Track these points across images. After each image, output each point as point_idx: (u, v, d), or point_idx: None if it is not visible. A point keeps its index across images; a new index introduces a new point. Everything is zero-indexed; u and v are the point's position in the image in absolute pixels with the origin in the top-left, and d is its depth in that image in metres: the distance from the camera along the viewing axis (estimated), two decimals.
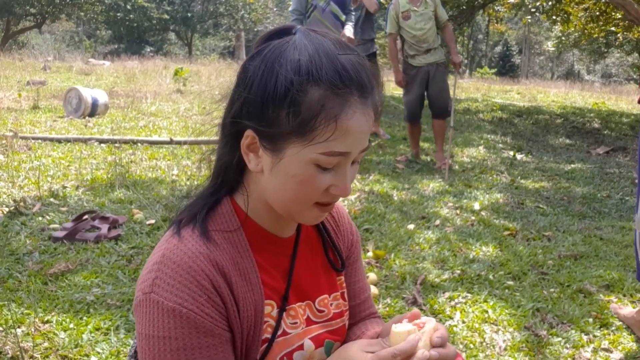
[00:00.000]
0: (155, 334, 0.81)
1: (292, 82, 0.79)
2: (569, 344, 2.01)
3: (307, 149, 0.80)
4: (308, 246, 1.00)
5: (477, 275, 2.58)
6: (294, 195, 0.84)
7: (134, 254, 2.62)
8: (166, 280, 0.82)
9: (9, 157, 4.34)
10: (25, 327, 1.92)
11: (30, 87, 9.21)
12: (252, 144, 0.84)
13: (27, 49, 21.28)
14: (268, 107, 0.80)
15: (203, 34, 32.09)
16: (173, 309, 0.81)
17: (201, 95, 9.53)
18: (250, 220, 0.91)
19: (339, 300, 1.02)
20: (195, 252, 0.84)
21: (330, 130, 0.79)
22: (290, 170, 0.82)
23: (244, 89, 0.83)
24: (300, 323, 0.94)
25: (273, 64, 0.80)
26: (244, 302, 0.86)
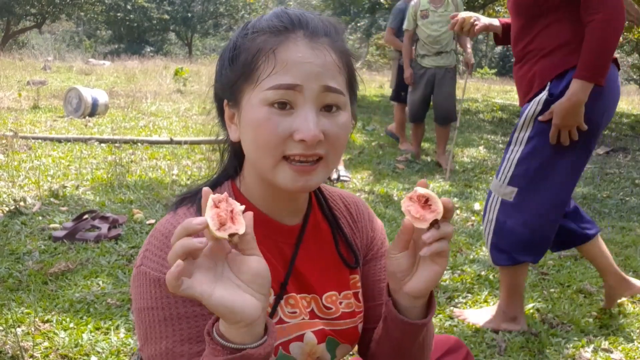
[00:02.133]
0: (144, 306, 0.81)
1: (237, 36, 0.86)
2: (569, 344, 2.01)
3: (256, 91, 0.81)
4: (316, 238, 0.96)
5: (477, 275, 2.58)
6: (260, 145, 0.82)
7: (134, 253, 2.62)
8: (153, 251, 0.83)
9: (9, 156, 4.34)
10: (25, 327, 1.92)
11: (30, 87, 9.22)
12: (231, 115, 0.88)
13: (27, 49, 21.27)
14: (224, 67, 0.87)
15: (203, 34, 32.10)
16: (158, 278, 0.80)
17: (201, 95, 9.53)
18: (249, 203, 0.90)
19: (351, 299, 0.97)
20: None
21: (270, 64, 0.80)
22: (247, 117, 0.83)
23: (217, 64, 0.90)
24: (301, 313, 0.91)
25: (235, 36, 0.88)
26: None
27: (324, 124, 0.81)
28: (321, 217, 0.98)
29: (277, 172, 0.83)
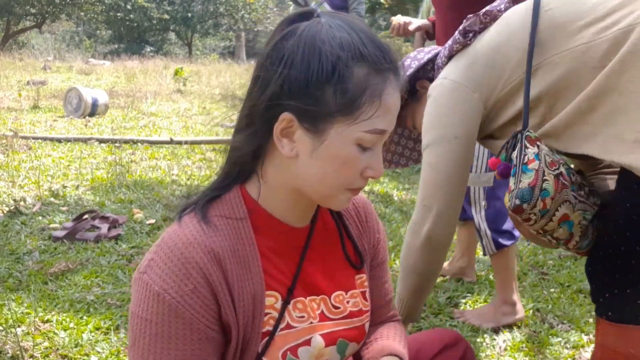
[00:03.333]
0: (140, 314, 0.82)
1: (339, 58, 0.77)
2: (569, 344, 2.01)
3: (352, 128, 0.79)
4: (324, 239, 0.97)
5: (477, 275, 2.58)
6: (334, 178, 0.82)
7: (134, 253, 2.62)
8: (159, 263, 0.82)
9: (9, 156, 4.34)
10: (25, 327, 1.92)
11: (30, 86, 9.22)
12: (287, 127, 0.81)
13: (27, 48, 21.27)
14: (313, 85, 0.78)
15: (203, 34, 32.09)
16: (158, 294, 0.80)
17: (201, 95, 9.53)
18: (260, 208, 0.89)
19: (357, 298, 0.98)
20: (191, 239, 0.83)
21: (374, 107, 0.79)
22: (333, 151, 0.80)
23: (283, 68, 0.79)
24: (309, 317, 0.91)
25: (314, 42, 0.78)
26: (241, 291, 0.84)
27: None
28: (329, 217, 0.99)
29: (337, 198, 0.86)
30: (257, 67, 0.84)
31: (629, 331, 1.13)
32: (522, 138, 1.15)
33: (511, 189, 1.14)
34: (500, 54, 1.25)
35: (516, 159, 1.14)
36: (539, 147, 1.14)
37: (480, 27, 1.33)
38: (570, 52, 1.13)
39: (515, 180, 1.13)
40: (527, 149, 1.13)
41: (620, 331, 1.14)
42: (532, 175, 1.11)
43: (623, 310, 1.14)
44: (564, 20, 1.15)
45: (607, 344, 1.19)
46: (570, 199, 1.15)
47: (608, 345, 1.19)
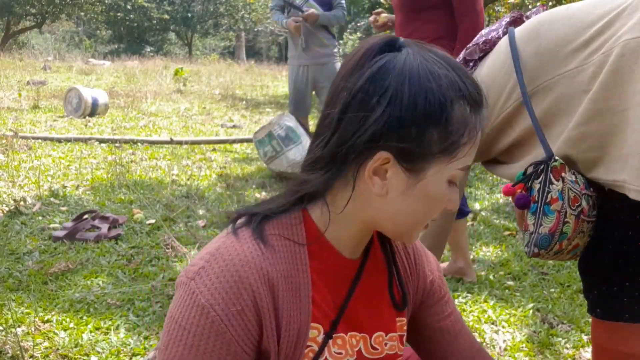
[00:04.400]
0: (179, 321, 0.79)
1: (445, 98, 0.75)
2: (569, 344, 2.01)
3: (449, 166, 0.78)
4: (373, 276, 0.93)
5: (477, 275, 2.58)
6: (423, 216, 0.82)
7: (133, 253, 2.62)
8: (210, 275, 0.79)
9: (9, 156, 4.34)
10: (25, 327, 1.92)
11: (30, 86, 9.22)
12: (382, 165, 0.78)
13: (27, 48, 21.27)
14: (418, 124, 0.75)
15: (203, 34, 32.10)
16: (203, 306, 0.77)
17: (201, 95, 9.53)
18: (321, 237, 0.85)
19: (395, 342, 0.94)
20: (249, 257, 0.79)
21: (470, 144, 0.79)
22: (429, 190, 0.79)
23: (387, 105, 0.75)
24: (347, 354, 0.87)
25: (419, 79, 0.75)
26: (288, 320, 0.81)
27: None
28: (380, 251, 0.95)
29: (410, 235, 0.85)
30: (346, 99, 0.78)
31: (617, 328, 1.14)
32: (548, 170, 1.09)
33: (529, 229, 1.11)
34: (495, 82, 1.24)
35: (538, 193, 1.09)
36: (564, 181, 1.09)
37: (480, 55, 1.33)
38: (562, 77, 1.12)
39: (536, 222, 1.09)
40: (552, 184, 1.08)
41: (609, 328, 1.15)
42: (553, 219, 1.08)
43: (611, 308, 1.15)
44: (551, 46, 1.15)
45: (598, 342, 1.20)
46: (584, 229, 1.13)
47: (598, 342, 1.20)
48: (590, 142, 1.07)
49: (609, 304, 1.14)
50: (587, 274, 1.20)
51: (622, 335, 1.13)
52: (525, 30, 1.23)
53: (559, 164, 1.10)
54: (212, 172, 4.33)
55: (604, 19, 1.08)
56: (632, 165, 1.00)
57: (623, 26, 1.04)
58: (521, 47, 1.20)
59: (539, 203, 1.09)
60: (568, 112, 1.11)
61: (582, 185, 1.11)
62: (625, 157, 1.02)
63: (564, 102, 1.12)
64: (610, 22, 1.07)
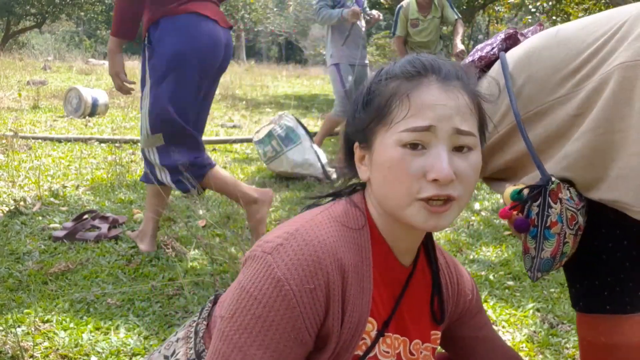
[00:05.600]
0: (251, 291, 0.82)
1: (371, 82, 0.90)
2: (569, 344, 2.01)
3: (389, 133, 0.84)
4: (420, 285, 0.98)
5: (477, 275, 2.58)
6: (393, 185, 0.84)
7: (133, 253, 2.62)
8: (288, 252, 0.82)
9: (9, 156, 4.34)
10: (25, 327, 1.92)
11: (30, 86, 9.21)
12: (361, 156, 0.92)
13: (27, 48, 21.26)
14: (357, 113, 0.91)
15: None
16: (279, 279, 0.80)
17: None
18: (375, 228, 0.92)
19: (429, 352, 0.99)
20: (327, 242, 0.84)
21: (404, 107, 0.83)
22: (380, 158, 0.86)
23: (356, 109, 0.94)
24: (392, 355, 0.92)
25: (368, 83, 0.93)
26: (353, 307, 0.85)
27: (455, 164, 0.83)
28: (426, 263, 1.00)
29: (409, 211, 0.85)
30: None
31: (599, 321, 1.15)
32: (546, 194, 1.09)
33: (530, 252, 1.11)
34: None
35: (537, 217, 1.09)
36: (562, 202, 1.09)
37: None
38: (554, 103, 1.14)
39: (537, 246, 1.10)
40: (551, 208, 1.08)
41: (592, 321, 1.17)
42: (554, 242, 1.09)
43: (592, 301, 1.16)
44: (541, 74, 1.16)
45: (582, 335, 1.22)
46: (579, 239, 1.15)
47: (583, 336, 1.21)
48: (587, 162, 1.08)
49: (591, 298, 1.17)
50: (570, 269, 1.22)
51: (605, 327, 1.15)
52: (517, 56, 1.25)
53: (555, 185, 1.09)
54: None
55: (592, 47, 1.10)
56: (633, 186, 1.01)
57: (614, 51, 1.05)
58: (514, 73, 1.22)
59: (539, 227, 1.09)
60: (562, 135, 1.12)
61: (577, 200, 1.11)
62: (625, 177, 1.03)
63: (557, 126, 1.13)
64: (598, 48, 1.09)
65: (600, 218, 1.13)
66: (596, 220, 1.14)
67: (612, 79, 1.04)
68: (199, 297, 2.19)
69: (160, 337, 1.89)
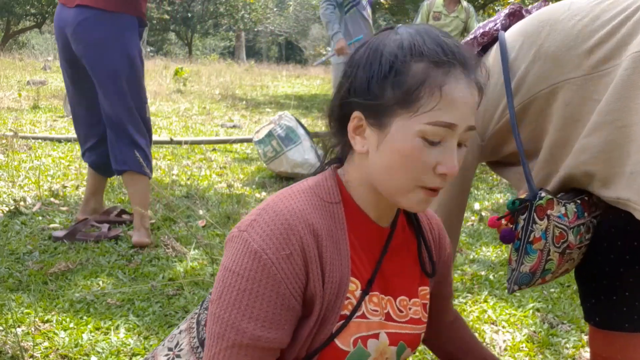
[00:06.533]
0: (232, 268, 0.85)
1: (395, 56, 0.83)
2: (569, 344, 2.01)
3: (412, 120, 0.82)
4: (401, 243, 1.00)
5: (477, 275, 2.58)
6: (400, 172, 0.84)
7: (133, 253, 2.62)
8: (261, 224, 0.86)
9: (9, 156, 4.34)
10: (25, 327, 1.92)
11: (30, 86, 9.21)
12: (358, 126, 0.88)
13: (27, 48, 21.27)
14: (373, 82, 0.84)
15: (203, 34, 32.09)
16: (256, 251, 0.84)
17: (201, 95, 9.53)
18: (351, 199, 0.93)
19: (419, 307, 1.01)
20: (295, 209, 0.87)
21: (435, 99, 0.81)
22: (396, 144, 0.83)
23: (350, 73, 0.88)
24: (380, 314, 0.94)
25: (377, 47, 0.85)
26: (332, 267, 0.87)
27: (458, 157, 0.86)
28: (406, 222, 1.03)
29: (409, 196, 0.87)
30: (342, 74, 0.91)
31: (615, 337, 1.12)
32: (532, 209, 1.07)
33: (512, 265, 1.11)
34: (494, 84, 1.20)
35: (522, 230, 1.08)
36: (549, 219, 1.06)
37: (477, 50, 1.30)
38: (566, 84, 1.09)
39: (518, 258, 1.09)
40: (535, 224, 1.06)
41: (608, 337, 1.14)
42: (535, 258, 1.07)
43: (609, 317, 1.13)
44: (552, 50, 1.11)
45: (595, 350, 1.19)
46: (574, 256, 1.12)
47: (596, 350, 1.18)
48: (590, 155, 1.05)
49: (608, 314, 1.13)
50: (585, 282, 1.18)
51: (621, 345, 1.12)
52: (524, 29, 1.19)
53: (545, 201, 1.07)
54: (212, 172, 4.34)
55: (608, 25, 1.05)
56: (637, 184, 0.98)
57: (630, 36, 1.02)
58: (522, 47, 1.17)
59: (522, 241, 1.08)
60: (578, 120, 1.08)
61: (572, 218, 1.08)
62: (630, 175, 0.99)
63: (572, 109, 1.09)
64: (614, 29, 1.04)
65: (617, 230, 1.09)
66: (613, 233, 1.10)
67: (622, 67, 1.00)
68: (198, 297, 2.19)
69: (160, 337, 1.89)
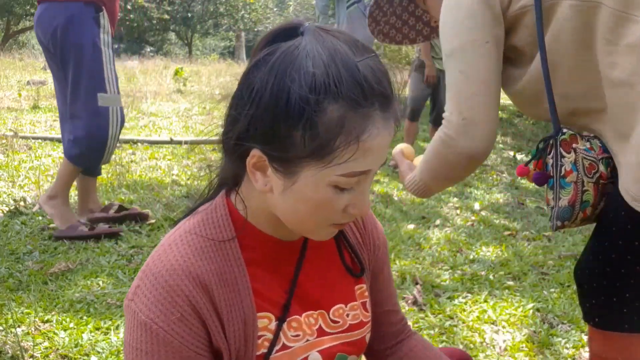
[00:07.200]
0: (131, 343, 0.81)
1: (307, 101, 0.69)
2: (569, 344, 2.01)
3: (324, 171, 0.73)
4: (319, 250, 0.92)
5: (477, 275, 2.58)
6: (308, 217, 0.78)
7: (133, 253, 2.62)
8: (144, 292, 0.80)
9: (9, 156, 4.34)
10: (25, 327, 1.92)
11: (30, 86, 9.21)
12: (259, 162, 0.76)
13: (27, 48, 21.25)
14: (279, 127, 0.71)
15: (203, 34, 32.08)
16: (145, 323, 0.79)
17: (201, 95, 9.53)
18: (249, 224, 0.85)
19: (357, 310, 0.94)
20: (175, 265, 0.80)
21: (351, 151, 0.71)
22: (305, 194, 0.75)
23: (250, 106, 0.73)
24: (305, 335, 0.87)
25: (283, 78, 0.70)
26: (230, 316, 0.81)
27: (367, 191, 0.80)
28: None
29: (315, 234, 0.82)
30: (234, 93, 0.77)
31: (616, 338, 1.12)
32: (557, 144, 1.09)
33: (550, 203, 1.11)
34: None
35: (553, 168, 1.10)
36: (576, 152, 1.07)
37: None
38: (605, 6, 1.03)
39: (555, 196, 1.10)
40: (564, 158, 1.08)
41: (608, 338, 1.14)
42: (570, 191, 1.08)
43: (609, 318, 1.12)
44: None
45: (595, 351, 1.18)
46: (609, 189, 1.11)
47: (595, 351, 1.18)
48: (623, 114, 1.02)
49: (608, 314, 1.12)
50: (584, 282, 1.17)
51: (621, 345, 1.12)
52: None
53: (568, 136, 1.10)
54: (212, 172, 4.33)
55: None
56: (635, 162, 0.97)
57: None
58: None
59: (555, 177, 1.10)
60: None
61: (598, 150, 1.11)
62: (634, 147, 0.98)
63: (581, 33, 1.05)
64: None
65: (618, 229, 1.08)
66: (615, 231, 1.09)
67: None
68: None
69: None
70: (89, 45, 2.57)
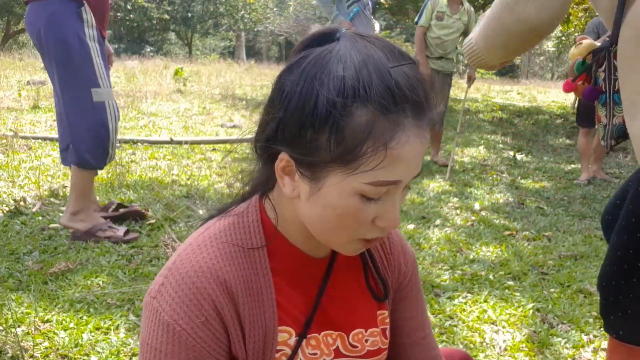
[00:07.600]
0: (150, 342, 0.79)
1: (334, 105, 0.67)
2: (569, 344, 2.01)
3: (350, 178, 0.70)
4: (346, 271, 0.90)
5: (477, 275, 2.58)
6: (334, 227, 0.75)
7: (134, 253, 2.62)
8: (169, 291, 0.78)
9: (9, 156, 4.34)
10: (25, 327, 1.92)
11: (30, 86, 9.21)
12: (288, 166, 0.75)
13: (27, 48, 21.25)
14: (306, 131, 0.70)
15: (203, 34, 32.10)
16: (168, 324, 0.77)
17: (201, 95, 9.53)
18: (279, 234, 0.83)
19: (377, 337, 0.91)
20: (203, 267, 0.78)
21: (379, 157, 0.69)
22: (330, 201, 0.73)
23: (279, 108, 0.73)
24: (322, 354, 0.86)
25: (313, 81, 0.69)
26: (252, 326, 0.80)
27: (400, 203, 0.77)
28: None
29: (345, 246, 0.79)
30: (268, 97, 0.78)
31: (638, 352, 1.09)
32: (610, 57, 0.97)
33: (602, 121, 1.02)
34: None
35: (604, 82, 1.00)
36: None
37: None
38: None
39: (607, 113, 1.00)
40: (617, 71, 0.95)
41: (630, 352, 1.10)
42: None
43: (635, 331, 1.09)
44: None
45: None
46: None
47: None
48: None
49: (633, 328, 1.08)
50: (611, 293, 1.12)
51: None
52: None
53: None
54: (212, 172, 4.34)
55: None
56: None
57: None
58: None
59: (608, 92, 1.00)
60: None
61: None
62: None
63: None
64: None
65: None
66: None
67: None
68: None
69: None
70: (75, 41, 2.51)
